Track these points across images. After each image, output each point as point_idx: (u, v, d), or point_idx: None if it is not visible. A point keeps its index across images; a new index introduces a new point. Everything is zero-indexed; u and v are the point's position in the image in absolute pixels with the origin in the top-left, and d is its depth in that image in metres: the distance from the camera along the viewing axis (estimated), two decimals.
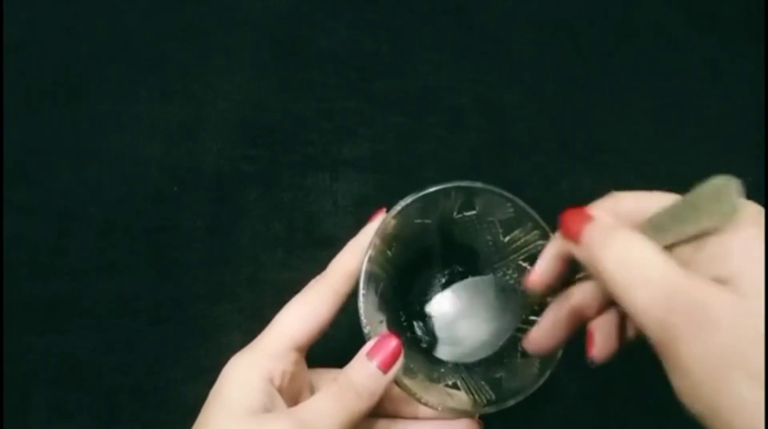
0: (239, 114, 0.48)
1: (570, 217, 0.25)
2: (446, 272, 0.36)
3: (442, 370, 0.33)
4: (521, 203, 0.32)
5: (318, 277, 0.31)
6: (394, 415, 0.32)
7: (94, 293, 0.41)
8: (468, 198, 0.33)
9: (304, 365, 0.31)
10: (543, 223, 0.32)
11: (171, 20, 0.51)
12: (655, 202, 0.23)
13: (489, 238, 0.34)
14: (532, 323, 0.30)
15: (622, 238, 0.22)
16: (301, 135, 0.48)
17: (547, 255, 0.27)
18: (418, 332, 0.35)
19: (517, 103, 0.51)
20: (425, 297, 0.36)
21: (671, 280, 0.20)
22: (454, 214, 0.34)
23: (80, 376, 0.39)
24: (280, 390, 0.28)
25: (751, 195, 0.21)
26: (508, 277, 0.35)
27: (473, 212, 0.34)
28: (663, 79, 0.54)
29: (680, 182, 0.24)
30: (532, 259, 0.30)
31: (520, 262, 0.34)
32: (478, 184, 0.32)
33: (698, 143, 0.50)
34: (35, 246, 0.42)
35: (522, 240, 0.33)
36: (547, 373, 0.30)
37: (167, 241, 0.43)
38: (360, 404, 0.27)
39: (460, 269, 0.36)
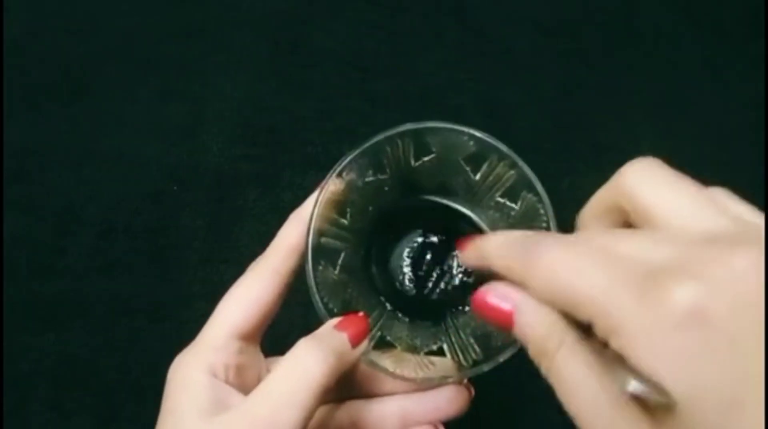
0: (239, 114, 0.48)
1: (489, 303, 0.21)
2: (421, 227, 0.32)
3: (426, 334, 0.30)
4: (479, 134, 0.27)
5: (257, 259, 0.28)
6: (374, 395, 0.28)
7: (94, 293, 0.41)
8: (420, 142, 0.29)
9: (256, 354, 0.28)
10: (508, 151, 0.27)
11: (171, 20, 0.51)
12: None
13: (460, 179, 0.30)
14: None
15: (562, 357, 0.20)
16: (301, 135, 0.48)
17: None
18: (397, 298, 0.31)
19: (517, 103, 0.51)
20: (402, 257, 0.32)
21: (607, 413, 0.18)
22: (413, 162, 0.30)
23: (80, 376, 0.39)
24: (227, 383, 0.25)
25: (751, 195, 0.20)
26: (491, 217, 0.31)
27: (432, 155, 0.29)
28: (663, 79, 0.54)
29: None
30: (509, 194, 0.27)
31: (498, 199, 0.30)
32: (425, 124, 0.28)
33: (698, 143, 0.50)
34: (35, 246, 0.42)
35: (493, 175, 0.29)
36: None
37: (167, 241, 0.43)
38: (323, 371, 0.23)
39: (436, 220, 0.32)
